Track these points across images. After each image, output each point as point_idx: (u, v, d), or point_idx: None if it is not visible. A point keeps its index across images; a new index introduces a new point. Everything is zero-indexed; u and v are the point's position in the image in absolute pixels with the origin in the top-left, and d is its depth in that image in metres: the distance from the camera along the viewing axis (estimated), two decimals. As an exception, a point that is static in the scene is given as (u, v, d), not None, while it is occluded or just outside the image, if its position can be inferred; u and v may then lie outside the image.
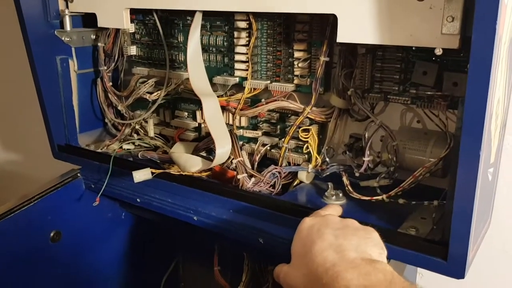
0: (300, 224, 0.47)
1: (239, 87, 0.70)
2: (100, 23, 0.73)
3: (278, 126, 0.68)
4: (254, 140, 0.71)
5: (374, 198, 0.55)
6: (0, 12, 1.21)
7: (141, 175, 0.63)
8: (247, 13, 0.65)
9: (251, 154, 0.69)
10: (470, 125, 0.41)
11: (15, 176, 1.38)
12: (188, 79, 0.73)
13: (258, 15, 0.64)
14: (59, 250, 0.74)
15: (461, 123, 0.42)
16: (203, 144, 0.73)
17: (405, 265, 0.55)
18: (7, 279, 0.69)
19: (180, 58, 0.76)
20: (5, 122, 1.37)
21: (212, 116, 0.63)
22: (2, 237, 0.67)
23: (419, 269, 0.72)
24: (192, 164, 0.64)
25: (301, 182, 0.65)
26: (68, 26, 0.76)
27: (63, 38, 0.77)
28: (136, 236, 0.87)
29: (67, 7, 0.76)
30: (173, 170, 0.67)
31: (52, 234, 0.73)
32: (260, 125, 0.69)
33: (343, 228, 0.45)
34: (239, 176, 0.62)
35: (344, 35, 0.50)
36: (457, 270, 0.45)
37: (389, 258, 0.49)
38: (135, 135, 0.82)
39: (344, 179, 0.59)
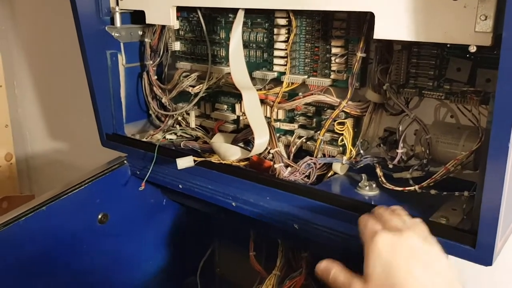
0: (376, 239, 0.44)
1: (277, 81, 0.74)
2: (148, 20, 0.78)
3: (314, 119, 0.71)
4: (290, 132, 0.74)
5: (407, 188, 0.57)
6: (53, 10, 1.29)
7: (184, 162, 0.68)
8: (287, 11, 0.68)
9: (287, 146, 0.73)
10: (499, 119, 0.43)
11: (61, 164, 1.46)
12: (228, 73, 0.78)
13: (297, 13, 0.67)
14: (105, 231, 0.80)
15: (492, 117, 0.44)
16: (241, 135, 0.77)
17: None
18: (58, 255, 0.74)
19: (221, 54, 0.80)
20: (53, 113, 1.45)
21: (252, 109, 0.66)
22: (56, 217, 0.72)
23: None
24: (232, 153, 0.68)
25: (335, 173, 0.68)
26: (118, 22, 0.81)
27: (113, 34, 0.82)
28: (175, 222, 0.92)
29: (117, 4, 0.81)
30: (214, 159, 0.71)
31: (100, 216, 0.79)
32: (297, 118, 0.73)
33: (431, 261, 0.42)
34: (276, 166, 0.65)
35: (381, 32, 0.52)
36: (485, 257, 0.48)
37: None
38: (177, 126, 0.87)
39: (378, 170, 0.61)
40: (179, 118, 0.86)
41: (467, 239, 0.49)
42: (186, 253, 0.94)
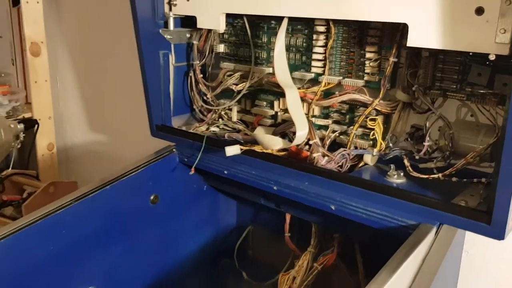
0: None
1: (313, 81, 0.83)
2: (199, 25, 0.88)
3: (347, 116, 0.80)
4: (325, 127, 0.83)
5: (431, 176, 0.66)
6: (95, 13, 1.40)
7: (232, 150, 0.77)
8: (327, 20, 0.77)
9: (321, 139, 0.82)
10: (515, 115, 0.52)
11: (98, 154, 1.57)
12: (269, 73, 0.87)
13: (336, 22, 0.76)
14: (156, 211, 0.90)
15: (507, 114, 0.53)
16: (280, 129, 0.87)
17: (455, 233, 0.66)
18: (116, 229, 0.84)
19: (262, 56, 0.89)
20: (91, 107, 1.56)
21: (293, 104, 0.76)
22: (116, 195, 0.82)
23: (465, 247, 0.82)
24: (275, 143, 0.77)
25: (365, 164, 0.77)
26: (171, 26, 0.91)
27: (165, 36, 0.92)
28: (214, 206, 1.01)
29: (171, 10, 0.91)
30: (257, 148, 0.80)
31: (152, 197, 0.89)
32: (331, 115, 0.82)
33: None
34: (314, 155, 0.75)
35: (413, 41, 0.61)
36: (499, 233, 0.56)
37: (442, 223, 0.61)
38: (220, 120, 0.96)
39: (405, 161, 0.70)
40: (222, 113, 0.96)
41: (484, 217, 0.58)
42: (222, 236, 1.04)
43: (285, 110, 0.88)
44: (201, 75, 0.96)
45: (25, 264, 0.72)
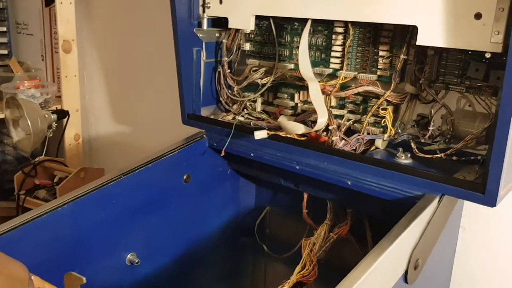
0: None
1: (331, 76, 0.94)
2: (231, 25, 0.99)
3: (361, 106, 0.91)
4: (340, 117, 0.94)
5: (435, 156, 0.77)
6: (122, 12, 1.51)
7: (260, 134, 0.88)
8: (345, 22, 0.89)
9: (337, 126, 0.93)
10: (505, 104, 0.63)
11: (120, 145, 1.68)
12: (291, 69, 0.99)
13: (354, 23, 0.88)
14: (188, 189, 1.00)
15: (499, 103, 0.64)
16: (300, 118, 0.98)
17: (455, 204, 0.77)
18: (154, 204, 0.95)
19: (285, 53, 1.01)
20: (115, 101, 1.67)
21: (315, 95, 0.87)
22: (155, 172, 0.93)
23: (462, 223, 0.94)
24: (297, 128, 0.88)
25: (376, 148, 0.88)
26: (205, 26, 1.02)
27: (199, 35, 1.03)
28: (236, 188, 1.12)
29: (204, 11, 1.03)
30: (281, 133, 0.92)
31: (184, 177, 1.00)
32: (347, 105, 0.93)
33: None
34: (333, 138, 0.86)
35: (422, 40, 0.73)
36: (491, 201, 0.68)
37: (444, 193, 0.72)
38: (244, 110, 1.08)
39: (412, 144, 0.81)
40: (247, 104, 1.07)
41: (479, 188, 0.69)
42: (242, 215, 1.15)
43: (305, 102, 0.99)
44: (229, 70, 1.07)
45: (81, 228, 0.83)
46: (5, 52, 1.73)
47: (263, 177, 1.06)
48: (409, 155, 0.82)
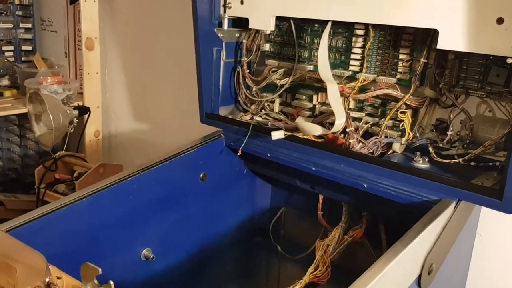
0: None
1: (350, 78, 0.94)
2: (251, 25, 1.00)
3: (379, 109, 0.91)
4: (358, 119, 0.94)
5: (452, 161, 0.77)
6: (144, 12, 1.53)
7: (277, 134, 0.89)
8: (365, 24, 0.89)
9: (355, 129, 0.93)
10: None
11: (139, 142, 1.70)
12: (310, 70, 0.99)
13: (375, 26, 0.88)
14: (204, 187, 1.01)
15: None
16: (317, 119, 0.98)
17: (472, 210, 0.76)
18: (170, 201, 0.96)
19: (304, 55, 1.01)
20: (135, 98, 1.70)
21: (334, 97, 0.87)
22: (173, 170, 0.94)
23: (478, 230, 0.93)
24: (315, 129, 0.89)
25: (394, 151, 0.88)
26: (225, 26, 1.03)
27: (219, 35, 1.04)
28: (252, 188, 1.13)
29: (225, 12, 1.04)
30: (298, 134, 0.92)
31: (201, 175, 1.01)
32: (365, 108, 0.93)
33: None
34: (350, 140, 0.86)
35: (443, 44, 0.72)
36: (509, 207, 0.67)
37: (461, 199, 0.72)
38: (262, 110, 1.08)
39: (430, 148, 0.81)
40: (265, 104, 1.08)
41: (497, 194, 0.68)
42: (257, 215, 1.15)
43: (323, 103, 0.99)
44: (248, 71, 1.08)
45: (98, 222, 0.84)
46: (30, 48, 1.78)
47: (279, 178, 1.06)
48: (426, 159, 0.81)
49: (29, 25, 1.76)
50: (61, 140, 1.44)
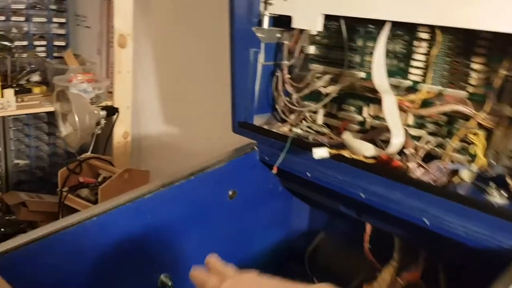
0: None
1: (409, 89, 0.80)
2: (295, 24, 0.87)
3: (445, 128, 0.76)
4: (417, 138, 0.80)
5: (540, 198, 0.61)
6: (179, 14, 1.44)
7: (320, 152, 0.76)
8: (431, 26, 0.74)
9: (415, 150, 0.79)
10: None
11: (169, 146, 1.61)
12: (361, 78, 0.85)
13: (442, 29, 0.73)
14: (233, 206, 0.90)
15: None
16: (368, 135, 0.84)
17: None
18: (194, 221, 0.85)
19: (355, 60, 0.88)
20: (167, 100, 1.60)
21: (390, 110, 0.73)
22: (198, 187, 0.83)
23: None
24: (366, 149, 0.75)
25: (461, 180, 0.73)
26: (265, 24, 0.91)
27: (258, 34, 0.92)
28: (288, 209, 1.01)
29: (266, 8, 0.92)
30: (345, 153, 0.78)
31: (230, 192, 0.89)
32: (427, 125, 0.79)
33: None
34: (409, 164, 0.72)
35: (536, 53, 0.57)
36: None
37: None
38: (303, 122, 0.95)
39: (508, 179, 0.66)
40: (307, 115, 0.95)
41: None
42: (293, 239, 1.02)
43: (375, 117, 0.85)
44: (288, 76, 0.96)
45: (110, 243, 0.74)
46: (63, 43, 1.72)
47: (319, 200, 0.93)
48: (504, 193, 0.66)
49: (63, 20, 1.70)
50: (88, 141, 1.37)
